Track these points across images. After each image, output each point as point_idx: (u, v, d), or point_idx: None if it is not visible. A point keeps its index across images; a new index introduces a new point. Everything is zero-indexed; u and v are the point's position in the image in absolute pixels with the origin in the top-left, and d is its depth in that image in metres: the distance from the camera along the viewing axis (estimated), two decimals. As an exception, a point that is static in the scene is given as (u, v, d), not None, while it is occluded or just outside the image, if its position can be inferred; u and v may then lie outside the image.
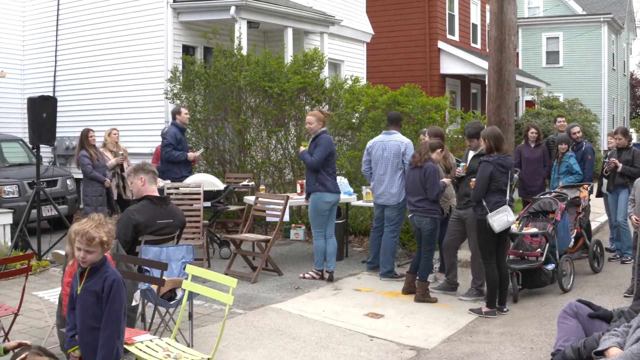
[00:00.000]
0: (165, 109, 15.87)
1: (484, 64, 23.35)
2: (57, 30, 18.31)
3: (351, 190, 12.13)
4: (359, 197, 12.17)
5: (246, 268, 11.08)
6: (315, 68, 14.96)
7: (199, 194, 11.31)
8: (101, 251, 4.87)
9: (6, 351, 4.94)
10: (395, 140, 10.63)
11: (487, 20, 28.39)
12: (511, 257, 9.85)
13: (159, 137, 13.91)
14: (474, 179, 8.91)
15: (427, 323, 8.45)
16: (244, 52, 15.28)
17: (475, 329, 8.27)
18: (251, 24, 16.70)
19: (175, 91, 15.40)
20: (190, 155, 12.59)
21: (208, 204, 11.62)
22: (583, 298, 6.72)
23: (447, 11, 26.80)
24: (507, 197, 8.75)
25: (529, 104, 32.08)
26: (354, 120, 14.38)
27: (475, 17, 29.67)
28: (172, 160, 12.50)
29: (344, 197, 11.51)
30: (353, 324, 8.35)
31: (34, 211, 12.10)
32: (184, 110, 12.83)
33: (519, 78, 23.74)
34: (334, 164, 10.53)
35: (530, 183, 12.84)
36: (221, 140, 15.26)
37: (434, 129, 10.57)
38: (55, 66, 18.36)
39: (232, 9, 15.58)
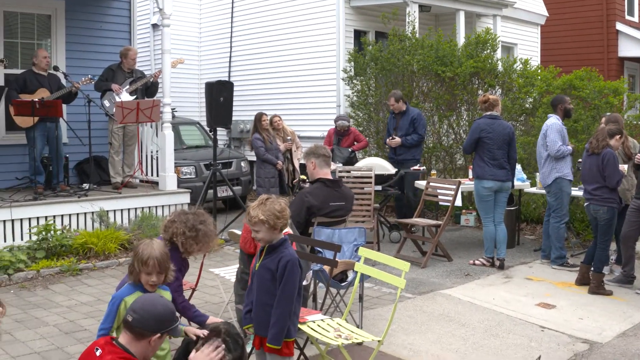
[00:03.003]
0: (337, 93, 16.06)
1: (667, 47, 22.27)
2: (232, 17, 18.87)
3: (524, 176, 11.85)
4: (532, 184, 11.89)
5: (415, 252, 11.09)
6: (488, 50, 14.69)
7: (370, 177, 11.40)
8: (267, 229, 4.87)
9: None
10: (544, 125, 10.50)
11: (671, 0, 26.99)
12: (694, 250, 9.37)
13: (331, 120, 14.10)
14: (653, 168, 8.54)
15: (601, 316, 8.17)
16: (417, 36, 15.21)
17: (653, 325, 7.95)
18: (422, 8, 16.60)
19: (351, 74, 15.57)
20: None
21: (379, 187, 11.71)
22: None
23: (627, -9, 25.65)
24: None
25: None
26: (527, 105, 14.04)
27: (657, -3, 28.24)
28: None
29: (516, 184, 11.28)
30: (523, 313, 8.20)
31: (210, 191, 12.57)
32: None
33: None
34: (492, 150, 10.16)
35: None
36: (392, 124, 15.33)
37: (611, 116, 10.23)
38: (230, 52, 18.95)
39: (404, -7, 15.57)
